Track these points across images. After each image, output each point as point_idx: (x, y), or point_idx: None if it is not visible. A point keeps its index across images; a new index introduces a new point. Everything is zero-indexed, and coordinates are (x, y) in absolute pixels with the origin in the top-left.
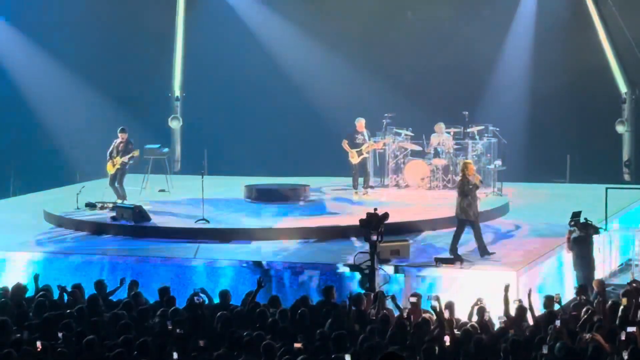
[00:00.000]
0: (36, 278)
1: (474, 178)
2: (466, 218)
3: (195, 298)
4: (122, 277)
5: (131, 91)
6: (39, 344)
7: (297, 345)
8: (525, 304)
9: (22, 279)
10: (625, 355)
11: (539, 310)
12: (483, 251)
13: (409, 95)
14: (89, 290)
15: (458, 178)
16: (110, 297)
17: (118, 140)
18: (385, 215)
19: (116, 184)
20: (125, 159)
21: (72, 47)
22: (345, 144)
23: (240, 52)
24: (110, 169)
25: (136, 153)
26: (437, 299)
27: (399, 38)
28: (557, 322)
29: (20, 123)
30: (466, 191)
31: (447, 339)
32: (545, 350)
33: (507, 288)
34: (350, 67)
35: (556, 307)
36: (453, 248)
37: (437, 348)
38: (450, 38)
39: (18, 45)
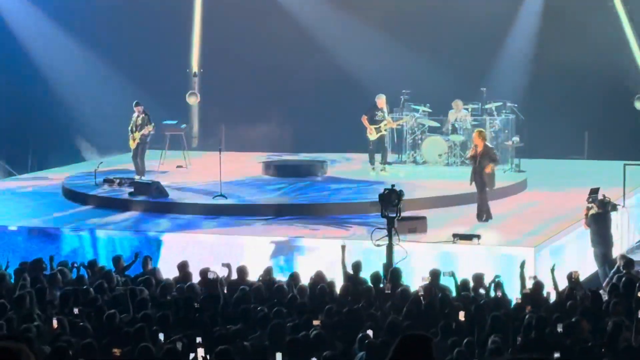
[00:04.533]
0: (51, 259)
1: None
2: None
3: (209, 273)
4: (137, 251)
5: (149, 67)
6: (54, 321)
7: (316, 322)
8: (545, 280)
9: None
10: None
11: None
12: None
13: (427, 71)
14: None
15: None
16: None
17: (135, 115)
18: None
19: (137, 159)
20: (145, 131)
21: (91, 24)
22: (364, 120)
23: (259, 28)
24: (132, 145)
25: (150, 128)
26: (453, 274)
27: (417, 14)
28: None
29: (38, 98)
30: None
31: (462, 315)
32: (560, 329)
33: (523, 265)
34: (368, 44)
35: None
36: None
37: (454, 324)
38: (468, 12)
39: (36, 22)
